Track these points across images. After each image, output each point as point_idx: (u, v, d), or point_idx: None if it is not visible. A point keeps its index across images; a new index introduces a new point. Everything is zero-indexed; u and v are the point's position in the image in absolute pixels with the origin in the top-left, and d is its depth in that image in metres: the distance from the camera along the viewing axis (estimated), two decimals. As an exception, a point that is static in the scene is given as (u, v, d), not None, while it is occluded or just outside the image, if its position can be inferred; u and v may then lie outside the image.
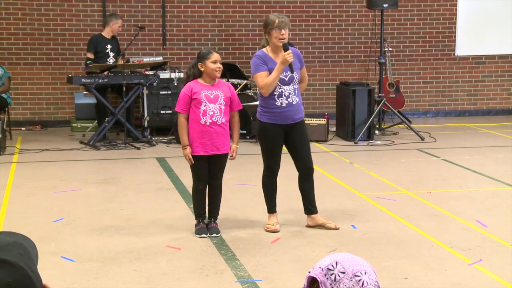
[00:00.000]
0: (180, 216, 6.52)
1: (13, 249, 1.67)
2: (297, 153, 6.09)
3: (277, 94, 5.92)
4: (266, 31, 5.91)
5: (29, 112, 11.92)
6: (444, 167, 8.79)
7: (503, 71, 13.22)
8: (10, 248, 1.67)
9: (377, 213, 6.59)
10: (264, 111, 5.98)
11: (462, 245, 5.68)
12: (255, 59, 5.93)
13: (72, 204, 6.97)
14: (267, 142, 6.03)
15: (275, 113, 5.94)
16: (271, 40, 5.90)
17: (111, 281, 4.92)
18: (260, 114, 6.02)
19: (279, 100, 5.93)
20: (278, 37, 5.86)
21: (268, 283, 4.89)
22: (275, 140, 6.01)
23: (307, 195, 6.19)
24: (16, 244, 1.69)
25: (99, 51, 10.65)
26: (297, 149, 6.07)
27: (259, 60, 5.90)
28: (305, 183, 6.18)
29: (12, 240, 1.71)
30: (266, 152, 6.08)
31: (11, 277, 1.60)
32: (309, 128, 10.43)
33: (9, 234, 1.76)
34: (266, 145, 6.05)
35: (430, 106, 13.17)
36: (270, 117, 5.95)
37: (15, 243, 1.70)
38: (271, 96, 5.92)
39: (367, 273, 1.90)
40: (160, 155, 9.38)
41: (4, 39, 11.66)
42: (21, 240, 1.74)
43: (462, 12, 12.91)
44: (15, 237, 1.74)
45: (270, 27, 5.85)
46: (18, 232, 1.83)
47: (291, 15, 12.45)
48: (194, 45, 12.17)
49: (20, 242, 1.72)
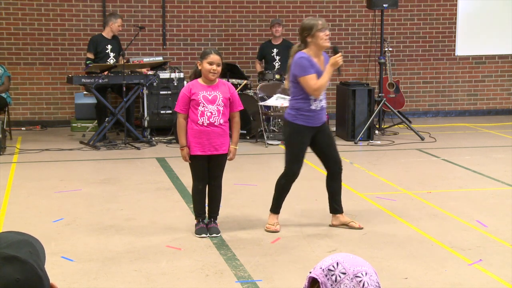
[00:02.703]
0: (180, 216, 6.52)
1: (23, 246, 1.68)
2: (327, 153, 6.08)
3: (313, 98, 5.90)
4: (310, 34, 5.83)
5: (29, 112, 11.92)
6: (444, 167, 8.79)
7: (503, 71, 13.22)
8: (20, 245, 1.68)
9: (377, 213, 6.59)
10: (299, 113, 5.91)
11: (462, 245, 5.68)
12: (304, 60, 5.83)
13: (72, 204, 6.97)
14: (296, 146, 5.97)
15: (310, 116, 5.91)
16: (316, 42, 5.84)
17: (111, 281, 4.93)
18: (294, 116, 5.92)
19: (314, 103, 5.92)
20: (324, 38, 5.84)
21: (268, 283, 4.89)
22: (304, 146, 5.98)
23: (334, 195, 6.19)
24: (26, 242, 1.70)
25: (99, 51, 10.65)
26: (328, 149, 6.08)
27: (308, 62, 5.83)
28: (334, 183, 6.17)
29: (22, 238, 1.72)
30: (293, 156, 6.00)
31: (20, 274, 1.61)
32: (309, 128, 10.44)
33: (18, 233, 1.77)
34: (294, 149, 5.98)
35: (430, 106, 13.17)
36: (305, 120, 5.91)
37: (25, 241, 1.71)
38: (308, 99, 5.88)
39: (368, 274, 1.90)
40: (160, 155, 9.38)
41: (4, 39, 11.66)
42: (30, 239, 1.74)
43: (462, 12, 12.91)
44: (25, 236, 1.76)
45: (316, 30, 5.81)
46: (22, 232, 1.83)
47: (291, 15, 12.46)
48: (194, 45, 12.17)
49: (29, 241, 1.73)
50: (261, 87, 10.50)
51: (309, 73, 5.81)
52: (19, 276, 1.60)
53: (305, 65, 5.81)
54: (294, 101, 5.96)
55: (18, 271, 1.62)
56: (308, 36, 5.87)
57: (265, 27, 12.21)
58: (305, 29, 5.89)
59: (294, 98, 5.96)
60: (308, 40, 5.88)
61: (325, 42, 5.86)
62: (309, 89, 5.84)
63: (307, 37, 5.87)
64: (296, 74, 5.85)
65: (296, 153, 5.98)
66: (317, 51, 5.92)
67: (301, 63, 5.82)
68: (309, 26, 5.86)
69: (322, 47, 5.90)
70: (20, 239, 1.71)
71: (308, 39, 5.88)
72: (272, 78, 10.69)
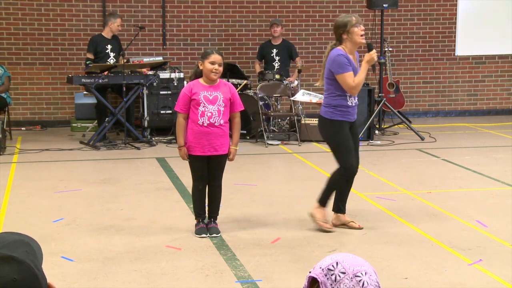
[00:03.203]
0: (180, 216, 6.52)
1: (20, 246, 1.68)
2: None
3: (348, 94, 5.90)
4: (346, 31, 5.82)
5: (29, 112, 11.92)
6: (444, 167, 8.79)
7: (503, 71, 13.23)
8: (17, 245, 1.68)
9: (377, 213, 6.59)
10: (338, 110, 5.90)
11: (462, 245, 5.68)
12: (342, 57, 5.81)
13: (72, 204, 6.97)
14: (344, 141, 5.94)
15: (347, 111, 5.92)
16: (351, 38, 5.83)
17: (111, 281, 4.92)
18: (332, 113, 5.90)
19: (350, 100, 5.93)
20: (360, 33, 5.83)
21: (268, 283, 4.89)
22: (349, 138, 5.97)
23: (343, 195, 6.18)
24: (22, 242, 1.70)
25: (99, 51, 10.65)
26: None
27: (346, 59, 5.82)
28: (346, 183, 6.17)
29: (18, 238, 1.72)
30: (345, 151, 5.96)
31: (17, 274, 1.61)
32: (309, 128, 10.45)
33: (15, 233, 1.76)
34: (342, 144, 5.96)
35: (430, 106, 13.17)
36: (343, 115, 5.91)
37: (22, 241, 1.71)
38: (344, 96, 5.88)
39: (367, 274, 1.90)
40: (160, 155, 9.38)
41: (4, 39, 11.66)
42: (27, 239, 1.74)
43: (462, 12, 12.91)
44: (21, 236, 1.75)
45: (351, 25, 5.80)
46: (18, 232, 1.83)
47: (291, 15, 12.46)
48: (194, 45, 12.17)
49: (26, 241, 1.73)
50: (261, 87, 10.50)
51: (347, 70, 5.80)
52: (16, 276, 1.60)
53: (343, 62, 5.80)
54: (331, 98, 5.93)
55: (15, 271, 1.61)
56: (343, 33, 5.85)
57: (265, 27, 12.21)
58: (340, 26, 5.87)
59: (330, 95, 5.94)
60: (343, 37, 5.87)
61: (361, 38, 5.86)
62: (347, 87, 5.83)
63: (343, 34, 5.86)
64: (333, 71, 5.84)
65: (346, 146, 5.97)
66: (353, 48, 5.91)
67: (339, 60, 5.81)
68: (344, 23, 5.85)
69: (358, 43, 5.89)
70: (17, 239, 1.71)
71: (343, 36, 5.86)
72: (272, 78, 10.69)
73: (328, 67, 5.89)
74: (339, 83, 5.85)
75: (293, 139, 10.48)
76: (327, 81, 5.95)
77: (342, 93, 5.89)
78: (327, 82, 5.95)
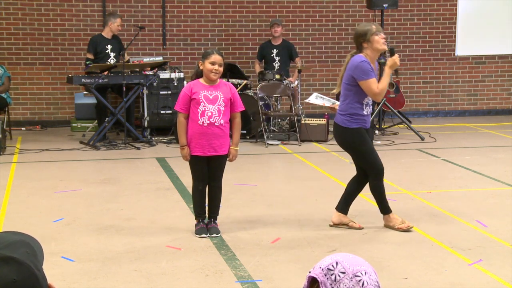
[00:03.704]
0: (180, 216, 6.52)
1: (20, 247, 1.67)
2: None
3: (365, 103, 5.92)
4: (366, 40, 5.83)
5: (29, 112, 11.92)
6: (444, 167, 8.79)
7: (503, 71, 13.23)
8: (17, 246, 1.67)
9: (377, 213, 6.58)
10: (354, 118, 5.91)
11: (462, 245, 5.68)
12: (365, 64, 5.81)
13: (72, 204, 6.97)
14: (367, 146, 5.99)
15: (363, 119, 5.95)
16: (372, 46, 5.84)
17: (111, 281, 4.92)
18: (349, 121, 5.91)
19: (366, 109, 5.95)
20: (381, 41, 5.84)
21: (268, 283, 4.89)
22: (370, 141, 6.03)
23: (351, 196, 6.22)
24: (23, 243, 1.70)
25: (99, 51, 10.65)
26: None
27: (369, 66, 5.82)
28: (359, 186, 6.20)
29: (19, 238, 1.71)
30: (373, 155, 6.00)
31: (17, 275, 1.60)
32: (309, 128, 10.46)
33: (16, 233, 1.76)
34: (369, 147, 6.00)
35: (430, 106, 13.18)
36: (360, 123, 5.93)
37: (22, 242, 1.70)
38: (360, 105, 5.89)
39: (367, 273, 1.90)
40: (160, 155, 9.38)
41: (4, 39, 11.66)
42: (28, 240, 1.74)
43: (462, 12, 12.91)
44: (22, 236, 1.75)
45: (371, 34, 5.81)
46: (19, 232, 1.83)
47: (291, 15, 12.46)
48: (194, 45, 12.17)
49: (27, 241, 1.72)
50: (261, 87, 10.50)
51: (371, 76, 5.80)
52: (16, 277, 1.60)
53: (367, 68, 5.80)
54: (348, 106, 5.92)
55: (15, 272, 1.61)
56: (364, 41, 5.86)
57: (265, 27, 12.21)
58: (360, 35, 5.87)
59: (348, 103, 5.92)
60: (364, 46, 5.87)
61: (383, 45, 5.87)
62: (371, 93, 5.84)
63: (363, 42, 5.86)
64: (356, 77, 5.83)
65: (371, 151, 6.00)
66: (374, 56, 5.92)
67: (363, 66, 5.80)
68: (364, 31, 5.85)
69: (380, 50, 5.90)
70: (17, 239, 1.70)
71: (364, 45, 5.87)
72: (272, 78, 10.69)
73: (350, 74, 5.86)
74: (358, 90, 5.85)
75: (293, 139, 10.48)
76: (346, 87, 5.93)
77: (359, 102, 5.90)
78: (346, 88, 5.92)
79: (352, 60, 5.88)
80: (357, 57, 5.86)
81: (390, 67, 5.93)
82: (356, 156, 6.11)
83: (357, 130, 5.93)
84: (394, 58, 5.94)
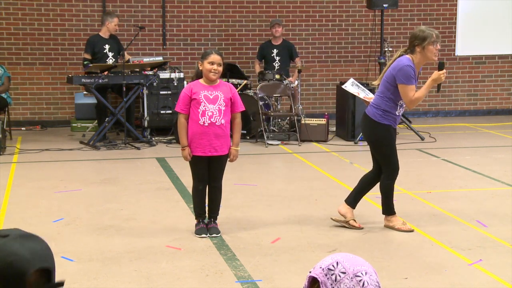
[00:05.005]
0: (180, 216, 6.52)
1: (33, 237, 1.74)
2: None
3: (399, 104, 5.94)
4: (421, 45, 5.80)
5: (29, 112, 11.92)
6: (444, 167, 8.79)
7: (503, 71, 13.23)
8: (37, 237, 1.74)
9: (377, 213, 6.59)
10: (386, 114, 5.93)
11: (462, 245, 5.68)
12: (409, 69, 5.80)
13: (72, 204, 6.97)
14: (391, 144, 6.03)
15: (394, 118, 5.98)
16: (424, 54, 5.83)
17: (111, 281, 4.92)
18: (381, 117, 5.93)
19: (399, 110, 5.98)
20: (434, 52, 5.84)
21: (268, 283, 4.89)
22: (395, 142, 6.08)
23: (363, 191, 6.24)
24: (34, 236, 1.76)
25: (97, 51, 10.64)
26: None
27: (413, 72, 5.82)
28: (373, 182, 6.22)
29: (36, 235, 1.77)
30: (393, 155, 6.05)
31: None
32: (309, 128, 10.46)
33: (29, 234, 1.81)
34: (393, 147, 6.04)
35: (430, 106, 13.18)
36: (391, 121, 5.97)
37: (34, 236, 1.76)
38: (395, 104, 5.91)
39: (367, 273, 1.90)
40: (160, 155, 9.38)
41: (4, 39, 11.66)
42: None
43: (462, 12, 12.91)
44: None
45: (429, 42, 5.78)
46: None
47: (291, 15, 12.46)
48: (194, 45, 12.17)
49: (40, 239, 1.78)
50: (261, 87, 10.50)
51: (411, 83, 5.81)
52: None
53: (410, 74, 5.79)
54: (383, 102, 5.93)
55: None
56: (418, 45, 5.83)
57: (265, 27, 12.21)
58: (418, 38, 5.84)
59: (383, 98, 5.94)
60: (417, 49, 5.84)
61: (434, 56, 5.87)
62: (406, 98, 5.85)
63: (417, 46, 5.83)
64: (397, 79, 5.83)
65: (394, 150, 6.05)
66: (422, 62, 5.91)
67: (406, 71, 5.79)
68: (423, 36, 5.81)
69: (430, 59, 5.91)
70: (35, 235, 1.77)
71: (417, 48, 5.84)
72: (272, 78, 10.69)
73: (392, 73, 5.86)
74: (396, 91, 5.87)
75: (293, 139, 10.48)
76: (385, 84, 5.93)
77: (395, 101, 5.91)
78: (385, 85, 5.93)
79: (398, 61, 5.87)
80: (405, 59, 5.84)
81: (434, 80, 5.91)
82: (378, 152, 6.13)
83: (387, 127, 5.96)
84: (440, 72, 5.89)
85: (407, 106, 5.97)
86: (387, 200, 6.16)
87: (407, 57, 5.86)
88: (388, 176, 6.08)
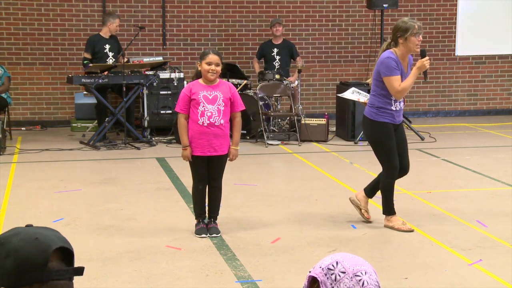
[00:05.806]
0: (180, 216, 6.52)
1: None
2: (399, 154, 6.10)
3: (393, 99, 5.94)
4: (403, 36, 5.84)
5: (29, 112, 11.92)
6: (444, 167, 8.79)
7: (503, 71, 13.22)
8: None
9: (377, 213, 6.59)
10: (381, 111, 5.94)
11: (462, 245, 5.68)
12: (391, 61, 5.84)
13: (72, 204, 6.97)
14: (390, 141, 6.00)
15: (391, 114, 5.97)
16: (407, 45, 5.85)
17: (111, 281, 4.93)
18: (377, 114, 5.95)
19: (395, 104, 5.97)
20: (416, 43, 5.86)
21: (268, 283, 4.89)
22: (394, 140, 6.03)
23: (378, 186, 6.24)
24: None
25: (97, 51, 10.64)
26: (400, 150, 6.10)
27: (395, 63, 5.85)
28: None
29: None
30: (390, 152, 6.03)
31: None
32: (309, 128, 10.45)
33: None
34: (389, 144, 6.01)
35: (430, 106, 13.17)
36: (388, 117, 5.96)
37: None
38: (389, 99, 5.92)
39: (367, 273, 1.89)
40: (160, 155, 9.38)
41: (4, 39, 11.66)
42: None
43: (462, 12, 12.91)
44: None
45: (411, 33, 5.82)
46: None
47: (291, 15, 12.46)
48: (194, 45, 12.17)
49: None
50: (261, 87, 10.50)
51: (395, 74, 5.83)
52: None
53: (391, 65, 5.83)
54: (375, 99, 5.97)
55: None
56: (400, 37, 5.87)
57: (265, 27, 12.21)
58: (400, 29, 5.88)
59: (375, 96, 5.98)
60: (399, 41, 5.88)
61: (416, 47, 5.89)
62: (392, 90, 5.87)
63: (400, 37, 5.87)
64: (380, 73, 5.88)
65: (392, 147, 6.02)
66: (405, 53, 5.93)
67: (388, 63, 5.84)
68: (405, 28, 5.85)
69: (412, 51, 5.93)
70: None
71: (400, 40, 5.88)
72: (272, 78, 10.69)
73: (377, 69, 5.93)
74: (385, 86, 5.89)
75: (293, 139, 10.48)
76: (374, 81, 6.00)
77: (387, 96, 5.93)
78: (375, 83, 5.99)
79: (380, 56, 5.94)
80: (385, 53, 5.91)
81: (418, 68, 5.92)
82: (374, 150, 6.14)
83: (383, 124, 5.96)
84: (423, 60, 5.91)
85: (395, 97, 5.92)
86: (387, 200, 6.17)
87: (388, 51, 5.92)
88: (387, 175, 6.10)
